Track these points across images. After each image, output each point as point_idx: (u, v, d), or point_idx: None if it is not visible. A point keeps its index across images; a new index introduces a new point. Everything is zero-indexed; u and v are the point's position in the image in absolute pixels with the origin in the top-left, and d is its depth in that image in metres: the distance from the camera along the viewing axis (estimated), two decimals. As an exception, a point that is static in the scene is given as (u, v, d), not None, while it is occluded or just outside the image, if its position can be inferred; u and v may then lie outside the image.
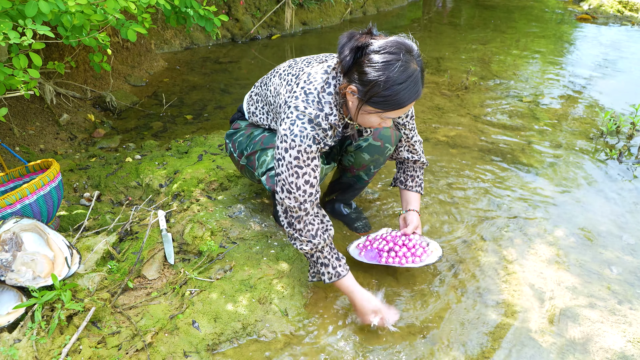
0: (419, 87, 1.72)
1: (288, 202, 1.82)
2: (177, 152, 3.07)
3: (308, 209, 1.83)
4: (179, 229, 2.30)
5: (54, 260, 1.95)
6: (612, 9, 7.75)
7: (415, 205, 2.27)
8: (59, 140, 3.35)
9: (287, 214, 1.85)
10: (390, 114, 1.75)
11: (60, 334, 1.73)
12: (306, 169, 1.79)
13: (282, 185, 1.81)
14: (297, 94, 1.82)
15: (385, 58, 1.67)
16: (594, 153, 3.34)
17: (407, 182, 2.31)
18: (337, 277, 1.89)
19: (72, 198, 2.67)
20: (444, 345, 1.88)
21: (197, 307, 1.89)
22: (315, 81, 1.82)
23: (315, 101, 1.79)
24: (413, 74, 1.68)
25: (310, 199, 1.82)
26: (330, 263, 1.89)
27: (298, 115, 1.78)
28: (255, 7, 6.18)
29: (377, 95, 1.69)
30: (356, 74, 1.72)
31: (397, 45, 1.69)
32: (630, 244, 2.45)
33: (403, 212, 2.28)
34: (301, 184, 1.79)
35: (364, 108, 1.75)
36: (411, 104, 1.74)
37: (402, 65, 1.66)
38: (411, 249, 2.13)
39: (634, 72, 5.03)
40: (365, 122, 1.81)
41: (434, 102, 4.11)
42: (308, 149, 1.76)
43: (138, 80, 4.47)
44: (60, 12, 2.29)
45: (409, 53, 1.69)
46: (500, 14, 7.74)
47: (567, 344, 1.89)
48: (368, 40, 1.71)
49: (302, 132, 1.76)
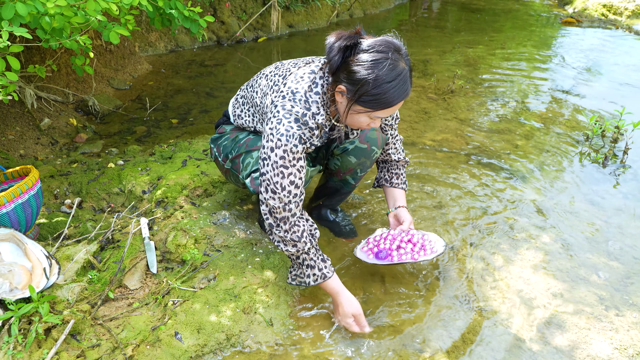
0: (408, 85, 1.73)
1: (272, 203, 1.80)
2: (161, 157, 3.02)
3: (293, 209, 1.82)
4: (162, 237, 2.26)
5: (32, 271, 1.89)
6: (597, 13, 7.82)
7: (403, 201, 2.27)
8: (40, 145, 3.28)
9: (271, 215, 1.83)
10: (379, 113, 1.75)
11: (38, 347, 1.68)
12: (292, 169, 1.77)
13: (267, 185, 1.80)
14: (284, 94, 1.81)
15: (374, 57, 1.68)
16: (580, 157, 3.35)
17: (392, 179, 2.31)
18: (323, 279, 1.88)
19: (53, 205, 2.61)
20: (430, 353, 1.86)
21: (180, 318, 1.85)
22: (303, 80, 1.82)
23: (302, 100, 1.79)
24: (402, 73, 1.70)
25: (295, 199, 1.81)
26: (316, 265, 1.88)
27: (284, 114, 1.77)
28: (241, 10, 6.14)
29: (367, 94, 1.70)
30: (345, 74, 1.73)
31: (385, 44, 1.70)
32: (616, 249, 2.45)
33: (392, 210, 2.27)
34: (286, 184, 1.77)
35: (354, 107, 1.75)
36: (400, 103, 1.75)
37: (391, 64, 1.68)
38: (417, 243, 2.12)
39: (618, 75, 5.07)
40: (355, 122, 1.82)
41: (420, 105, 4.10)
42: (294, 149, 1.75)
43: (121, 83, 4.41)
44: (39, 14, 2.24)
45: (398, 52, 1.71)
46: (486, 17, 7.78)
47: (553, 351, 1.88)
48: (357, 39, 1.72)
49: (289, 131, 1.75)
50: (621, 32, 6.92)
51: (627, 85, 4.76)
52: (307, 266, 1.89)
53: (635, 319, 2.04)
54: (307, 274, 1.90)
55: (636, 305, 2.11)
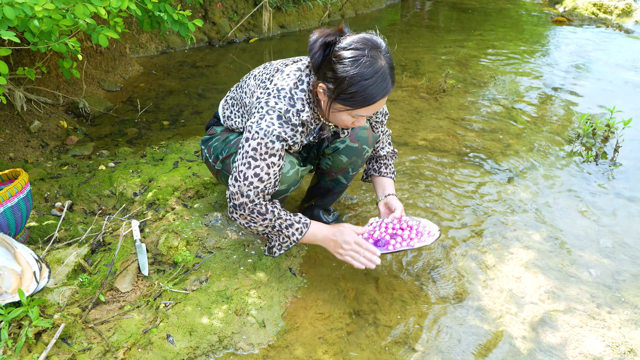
0: (388, 83, 1.72)
1: (232, 189, 1.83)
2: (152, 159, 3.01)
3: (252, 197, 1.82)
4: (153, 239, 2.25)
5: (21, 275, 1.88)
6: (587, 11, 7.86)
7: (392, 189, 2.28)
8: (30, 148, 3.26)
9: (230, 201, 1.86)
10: (360, 112, 1.75)
11: (28, 352, 1.67)
12: (260, 162, 1.78)
13: (234, 172, 1.83)
14: (270, 91, 1.83)
15: (351, 54, 1.68)
16: (571, 156, 3.37)
17: (381, 169, 2.32)
18: (306, 227, 1.92)
19: (43, 208, 2.59)
20: (421, 351, 1.86)
21: (172, 321, 1.84)
22: (289, 78, 1.83)
23: (287, 97, 1.80)
24: (380, 70, 1.69)
25: (255, 192, 1.81)
26: (292, 221, 1.90)
27: (268, 111, 1.79)
28: (233, 10, 6.12)
29: (345, 92, 1.70)
30: (325, 72, 1.74)
31: (363, 41, 1.70)
32: (607, 246, 2.46)
33: (381, 199, 2.26)
34: (250, 175, 1.79)
35: (334, 106, 1.76)
36: (381, 100, 1.74)
37: (368, 61, 1.67)
38: (412, 228, 2.09)
39: (609, 73, 5.10)
40: (338, 120, 1.82)
41: (412, 105, 4.10)
42: (270, 144, 1.76)
43: (112, 85, 4.39)
44: (27, 18, 2.22)
45: (376, 49, 1.70)
46: (477, 16, 7.80)
47: (546, 349, 1.89)
48: (336, 37, 1.72)
49: (269, 127, 1.76)
50: (611, 30, 6.96)
51: (617, 84, 4.78)
52: (286, 227, 1.90)
53: (627, 316, 2.05)
54: (288, 234, 1.91)
55: (628, 302, 2.12)
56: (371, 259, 1.90)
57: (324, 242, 1.95)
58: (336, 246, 1.93)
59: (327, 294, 2.09)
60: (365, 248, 1.91)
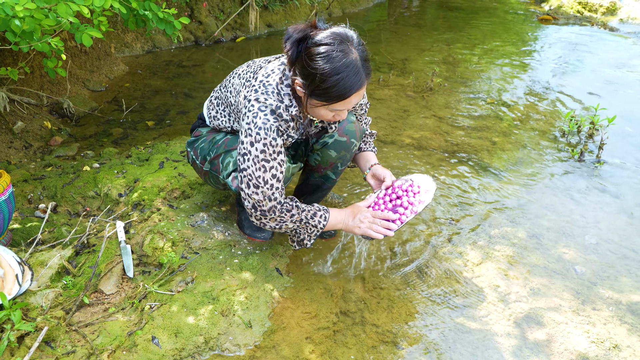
0: (361, 75, 1.71)
1: (256, 197, 1.83)
2: (138, 159, 2.98)
3: (278, 197, 1.85)
4: (138, 240, 2.23)
5: (3, 278, 1.85)
6: (572, 10, 7.92)
7: (375, 159, 2.27)
8: (13, 149, 3.22)
9: (257, 209, 1.86)
10: (336, 106, 1.75)
11: (10, 356, 1.64)
12: (273, 162, 1.79)
13: (249, 181, 1.80)
14: (256, 87, 1.82)
15: (322, 50, 1.67)
16: (557, 153, 3.39)
17: (361, 146, 2.32)
18: (327, 212, 1.99)
19: (26, 210, 2.55)
20: (408, 349, 1.86)
21: (157, 322, 1.82)
22: (274, 73, 1.83)
23: (274, 92, 1.80)
24: (351, 64, 1.67)
25: (279, 191, 1.85)
26: (315, 210, 1.96)
27: (260, 107, 1.78)
28: (219, 9, 6.09)
29: (319, 88, 1.70)
30: (299, 68, 1.73)
31: (333, 36, 1.69)
32: (592, 243, 2.48)
33: (367, 172, 2.24)
34: (269, 178, 1.80)
35: (310, 101, 1.76)
36: (357, 93, 1.72)
37: (338, 56, 1.66)
38: (408, 193, 2.06)
39: (594, 71, 5.14)
40: (317, 115, 1.83)
41: (399, 104, 4.11)
42: (274, 142, 1.77)
43: (97, 85, 4.34)
44: (8, 17, 2.19)
45: (347, 42, 1.69)
46: (464, 15, 7.83)
47: (531, 346, 1.90)
48: (309, 32, 1.71)
49: (266, 124, 1.75)
50: (596, 28, 7.02)
51: (602, 81, 4.82)
52: (311, 217, 1.96)
53: (611, 312, 2.07)
54: (315, 223, 1.97)
55: (612, 298, 2.14)
56: (388, 226, 1.95)
57: (344, 221, 2.01)
58: (355, 222, 1.99)
59: (313, 293, 2.08)
60: (381, 217, 1.98)
